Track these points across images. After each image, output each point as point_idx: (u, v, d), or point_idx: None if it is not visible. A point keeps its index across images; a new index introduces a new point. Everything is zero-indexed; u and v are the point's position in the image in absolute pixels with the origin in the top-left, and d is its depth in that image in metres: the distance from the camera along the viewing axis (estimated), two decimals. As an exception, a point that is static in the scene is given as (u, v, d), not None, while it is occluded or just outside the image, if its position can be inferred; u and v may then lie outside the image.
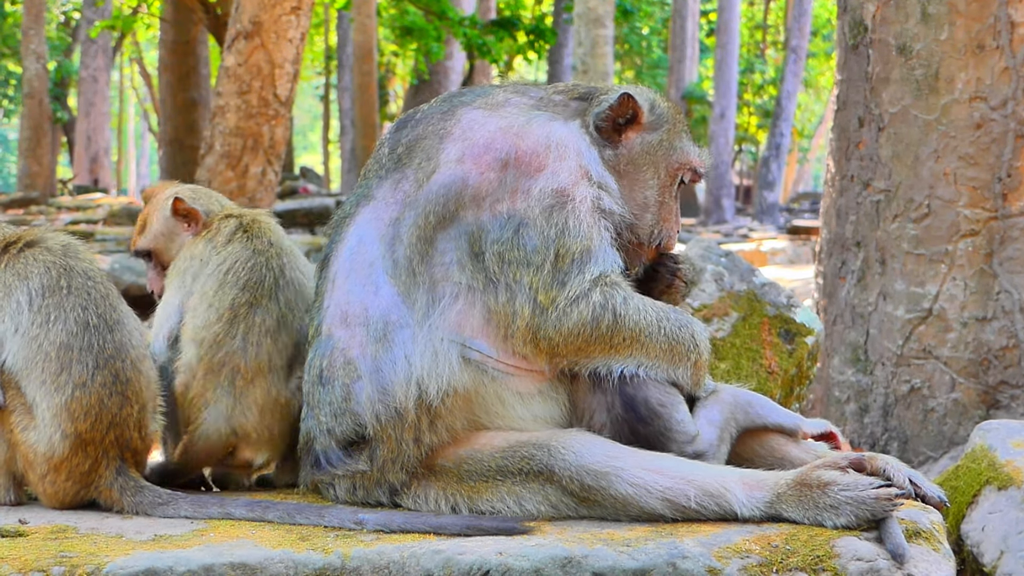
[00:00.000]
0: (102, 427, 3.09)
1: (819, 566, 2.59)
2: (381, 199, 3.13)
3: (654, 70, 43.59)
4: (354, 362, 3.02)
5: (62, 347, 3.08)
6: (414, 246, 3.02)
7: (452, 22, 21.20)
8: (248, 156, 10.27)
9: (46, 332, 3.09)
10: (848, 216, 6.63)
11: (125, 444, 3.14)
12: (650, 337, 3.01)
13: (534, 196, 3.00)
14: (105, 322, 3.14)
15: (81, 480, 3.10)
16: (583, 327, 2.95)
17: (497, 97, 3.21)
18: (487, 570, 2.59)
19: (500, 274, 2.97)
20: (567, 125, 3.15)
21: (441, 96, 3.35)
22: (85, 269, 3.20)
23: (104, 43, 33.57)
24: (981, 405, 6.10)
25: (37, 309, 3.11)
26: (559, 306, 2.95)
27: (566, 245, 2.97)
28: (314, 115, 64.74)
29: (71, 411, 3.06)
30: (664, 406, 3.04)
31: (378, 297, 3.03)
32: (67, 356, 3.08)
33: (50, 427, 3.07)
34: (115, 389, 3.11)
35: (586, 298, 2.95)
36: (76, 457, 3.08)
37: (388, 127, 3.33)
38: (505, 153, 3.04)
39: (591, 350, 2.99)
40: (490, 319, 2.99)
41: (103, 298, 3.18)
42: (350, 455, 3.06)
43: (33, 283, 3.14)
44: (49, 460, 3.08)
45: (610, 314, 2.96)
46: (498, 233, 2.98)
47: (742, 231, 27.44)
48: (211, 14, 15.08)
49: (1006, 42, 6.03)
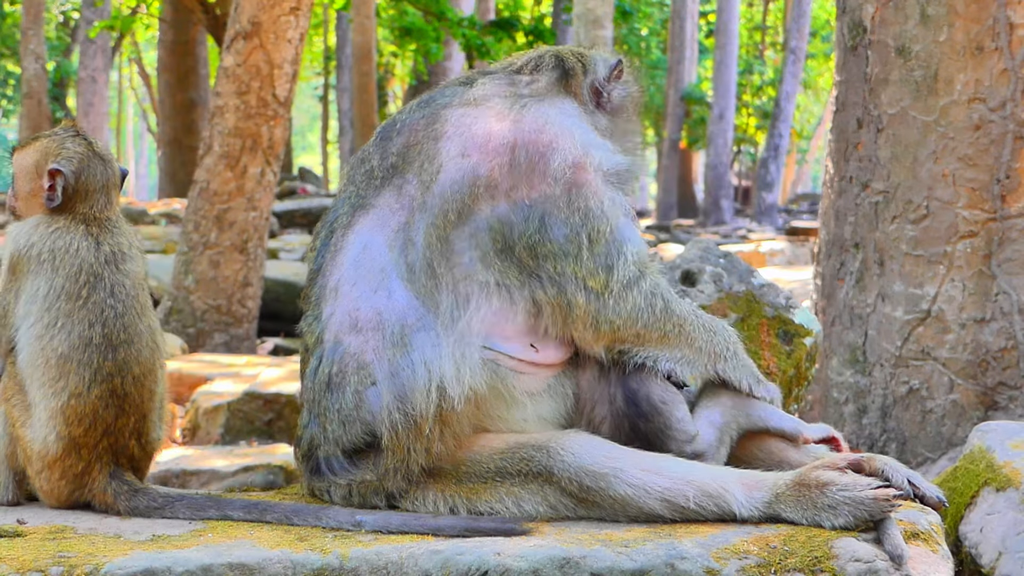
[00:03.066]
0: (96, 434, 3.08)
1: (817, 567, 2.59)
2: (384, 206, 3.09)
3: (653, 71, 43.57)
4: (368, 367, 2.96)
5: (62, 357, 3.06)
6: (433, 247, 2.99)
7: (451, 23, 21.20)
8: (247, 156, 10.27)
9: (50, 338, 3.07)
10: (847, 217, 6.63)
11: (121, 451, 3.13)
12: (692, 325, 3.09)
13: (549, 177, 3.02)
14: (110, 342, 3.09)
15: (75, 481, 3.10)
16: (640, 311, 3.02)
17: (473, 93, 3.20)
18: (485, 570, 2.59)
19: (538, 268, 3.00)
20: (554, 102, 3.19)
21: (412, 105, 3.31)
22: (114, 284, 3.15)
23: (103, 43, 33.53)
24: (979, 406, 6.10)
25: (48, 308, 3.09)
26: (614, 291, 3.01)
27: (595, 227, 3.01)
28: (313, 116, 64.72)
29: (66, 415, 3.05)
30: (665, 403, 3.05)
31: (392, 301, 2.97)
32: (65, 367, 3.06)
33: (46, 427, 3.07)
34: (112, 402, 3.09)
35: (637, 284, 3.03)
36: (69, 459, 3.07)
37: (373, 137, 3.30)
38: (508, 139, 3.04)
39: (646, 336, 3.05)
40: (540, 314, 3.01)
41: (118, 317, 3.12)
42: (354, 463, 3.03)
43: (58, 279, 3.10)
44: (44, 458, 3.08)
45: (660, 299, 3.05)
46: (523, 226, 2.99)
47: (741, 232, 27.44)
48: (210, 14, 15.09)
49: (1005, 44, 6.03)
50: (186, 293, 10.35)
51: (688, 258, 4.79)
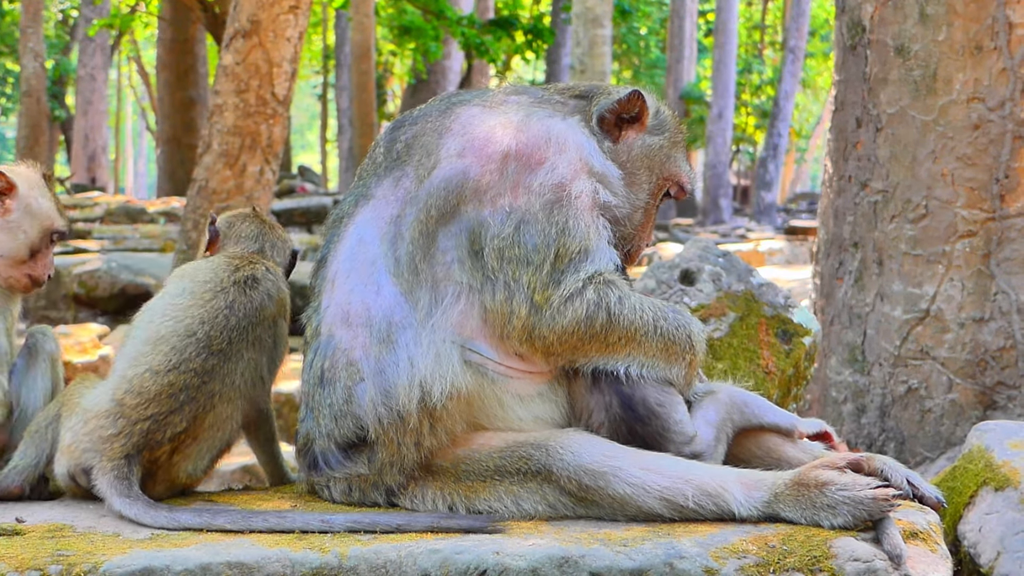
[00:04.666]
0: (142, 412, 3.08)
1: (816, 566, 2.59)
2: (381, 197, 3.12)
3: (652, 70, 43.58)
4: (357, 363, 3.00)
5: (161, 338, 3.15)
6: (416, 242, 3.01)
7: (450, 21, 21.20)
8: (246, 155, 10.26)
9: (159, 324, 3.18)
10: (846, 216, 6.64)
11: (151, 444, 3.09)
12: (646, 336, 3.01)
13: (534, 190, 3.00)
14: (209, 344, 3.14)
15: (95, 445, 3.07)
16: (577, 325, 2.95)
17: (496, 96, 3.23)
18: (484, 569, 2.59)
19: (499, 272, 2.97)
20: (566, 120, 3.16)
21: (439, 96, 3.35)
22: (235, 300, 3.22)
23: (102, 41, 33.54)
24: (978, 406, 6.10)
25: (169, 303, 3.22)
26: (553, 304, 2.94)
27: (566, 245, 2.97)
28: (312, 114, 64.72)
29: (131, 384, 3.10)
30: (662, 406, 3.04)
31: (380, 297, 3.01)
32: (159, 346, 3.13)
33: (107, 389, 3.13)
34: (176, 396, 3.10)
35: (580, 296, 2.95)
36: (106, 420, 3.08)
37: (385, 126, 3.33)
38: (505, 146, 3.04)
39: (587, 348, 2.99)
40: (487, 319, 2.98)
41: (227, 328, 3.18)
42: (349, 457, 3.05)
43: (188, 283, 3.26)
44: (86, 412, 3.11)
45: (604, 312, 2.96)
46: (498, 229, 2.98)
47: (740, 231, 27.44)
48: (209, 13, 15.08)
49: (1004, 43, 6.03)
50: (185, 291, 10.35)
51: (687, 257, 4.79)
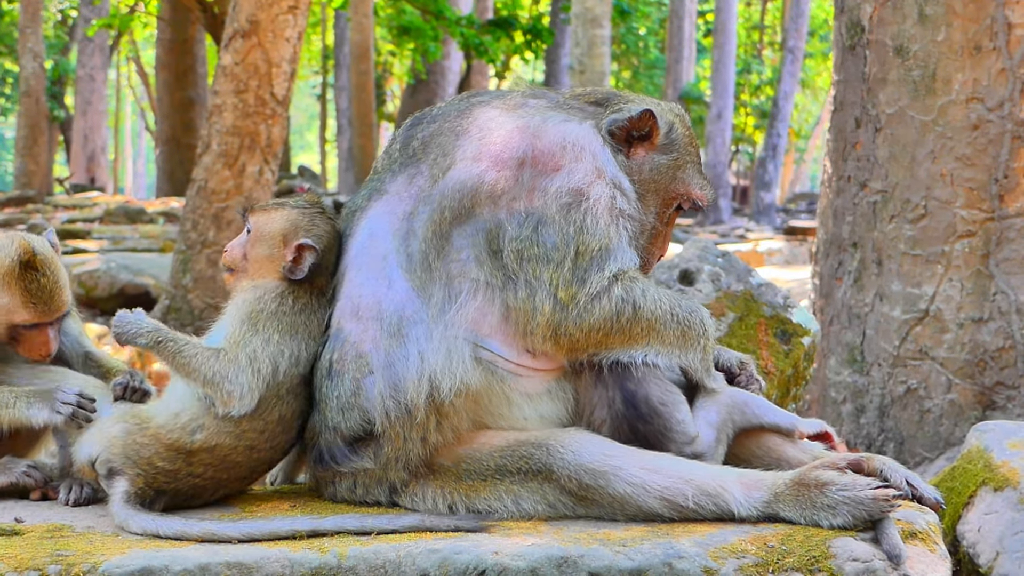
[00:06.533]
0: (201, 469, 3.02)
1: (815, 566, 2.60)
2: (394, 193, 3.14)
3: (651, 70, 43.60)
4: (366, 356, 3.00)
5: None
6: (430, 241, 3.02)
7: (449, 22, 21.20)
8: (245, 155, 10.28)
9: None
10: (845, 217, 6.64)
11: (188, 495, 3.04)
12: (665, 325, 3.04)
13: (551, 195, 3.01)
14: (304, 378, 3.10)
15: (138, 463, 2.99)
16: (605, 322, 2.98)
17: (514, 99, 3.23)
18: (483, 569, 2.59)
19: (519, 271, 2.98)
20: (582, 126, 3.17)
21: (459, 95, 3.37)
22: None
23: (101, 42, 33.52)
24: (977, 406, 6.10)
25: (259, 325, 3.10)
26: (580, 303, 2.97)
27: (586, 243, 2.99)
28: (311, 114, 64.72)
29: (207, 431, 3.03)
30: (665, 405, 3.05)
31: (392, 291, 3.02)
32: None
33: (182, 414, 3.05)
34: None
35: (607, 293, 2.98)
36: (167, 452, 3.00)
37: (404, 123, 3.34)
38: (522, 152, 3.05)
39: (610, 342, 3.02)
40: (508, 316, 2.99)
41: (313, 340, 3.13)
42: (355, 452, 3.04)
43: (297, 344, 3.12)
44: (148, 422, 3.04)
45: (630, 307, 3.00)
46: (517, 230, 2.99)
47: (739, 231, 27.43)
48: (208, 13, 15.07)
49: (1003, 43, 6.03)
50: (184, 291, 10.36)
51: (686, 257, 4.80)
